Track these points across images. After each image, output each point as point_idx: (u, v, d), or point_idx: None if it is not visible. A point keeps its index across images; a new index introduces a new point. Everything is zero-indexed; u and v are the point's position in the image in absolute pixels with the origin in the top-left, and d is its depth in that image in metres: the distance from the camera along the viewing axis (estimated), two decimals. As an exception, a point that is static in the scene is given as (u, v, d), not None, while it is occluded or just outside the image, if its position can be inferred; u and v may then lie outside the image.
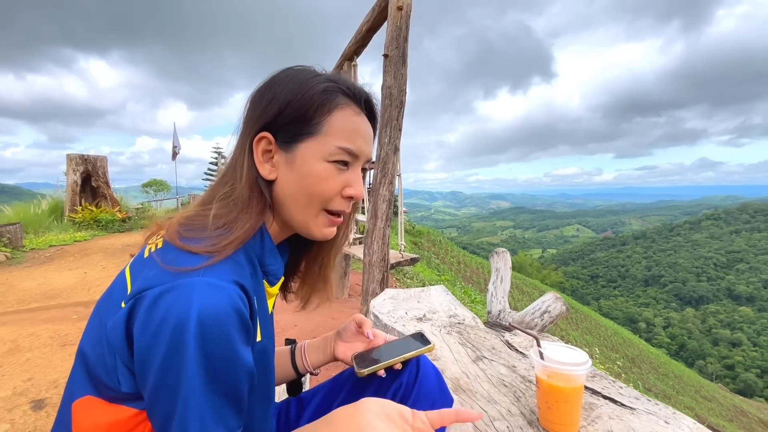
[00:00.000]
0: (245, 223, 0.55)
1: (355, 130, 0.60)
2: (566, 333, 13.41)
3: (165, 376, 0.44)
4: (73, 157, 8.64)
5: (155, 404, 0.46)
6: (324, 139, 0.58)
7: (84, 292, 4.22)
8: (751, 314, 61.20)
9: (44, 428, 1.74)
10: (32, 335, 2.82)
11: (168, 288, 0.46)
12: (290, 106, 0.57)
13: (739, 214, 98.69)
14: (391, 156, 3.21)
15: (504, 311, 1.82)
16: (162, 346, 0.44)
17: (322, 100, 0.58)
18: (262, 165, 0.59)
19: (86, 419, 0.50)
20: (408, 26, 3.19)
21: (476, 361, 1.16)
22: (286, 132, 0.58)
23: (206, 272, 0.48)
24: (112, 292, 0.53)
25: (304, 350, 0.83)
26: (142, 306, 0.46)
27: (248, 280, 0.53)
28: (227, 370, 0.46)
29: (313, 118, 0.57)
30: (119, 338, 0.47)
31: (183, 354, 0.44)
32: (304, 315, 3.91)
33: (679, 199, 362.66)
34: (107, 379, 0.49)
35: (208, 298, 0.45)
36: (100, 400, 0.50)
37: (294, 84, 0.58)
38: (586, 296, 78.18)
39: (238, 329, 0.47)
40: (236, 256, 0.54)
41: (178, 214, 0.58)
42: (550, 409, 0.81)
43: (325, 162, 0.58)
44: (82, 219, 8.19)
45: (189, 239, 0.52)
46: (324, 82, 0.59)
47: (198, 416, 0.45)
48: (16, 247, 5.94)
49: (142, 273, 0.50)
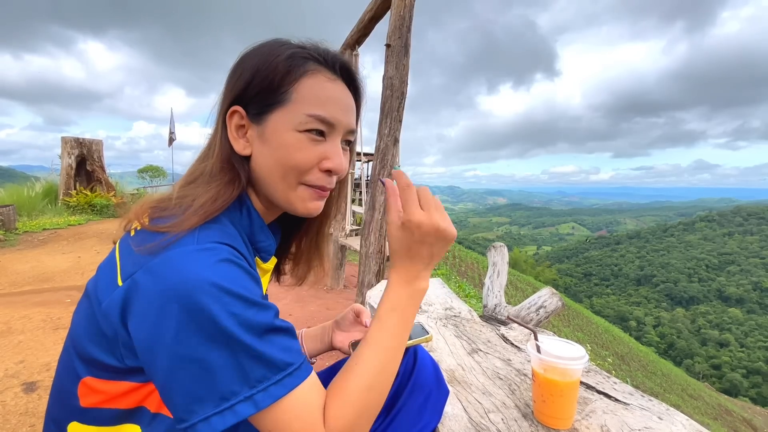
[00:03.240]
0: (210, 192, 0.53)
1: (328, 97, 0.56)
2: (558, 329, 13.54)
3: (183, 346, 0.42)
4: (68, 140, 8.53)
5: (176, 381, 0.43)
6: (293, 107, 0.55)
7: (77, 276, 4.19)
8: (739, 316, 62.14)
9: (36, 410, 1.73)
10: (24, 318, 2.80)
11: (159, 263, 0.45)
12: (257, 76, 0.55)
13: (733, 217, 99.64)
14: (390, 147, 3.19)
15: (500, 305, 1.82)
16: (173, 318, 0.42)
17: (288, 67, 0.55)
18: (237, 141, 0.57)
19: (89, 397, 0.50)
20: (411, 16, 3.15)
21: (471, 353, 1.16)
22: (255, 104, 0.56)
23: (187, 240, 0.47)
24: (101, 272, 0.53)
25: (301, 339, 0.82)
26: (138, 286, 0.45)
27: (241, 247, 0.53)
28: (258, 312, 0.46)
29: (280, 87, 0.55)
30: (115, 318, 0.46)
31: (204, 316, 0.42)
32: (299, 305, 3.91)
33: (674, 200, 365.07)
34: (106, 357, 0.48)
35: (203, 259, 0.45)
36: (100, 380, 0.50)
37: (260, 55, 0.56)
38: (579, 294, 78.95)
39: (245, 277, 0.47)
40: (225, 228, 0.53)
41: (145, 197, 0.57)
42: (545, 402, 0.81)
43: (296, 132, 0.55)
44: (77, 203, 8.11)
45: (158, 219, 0.51)
46: (291, 48, 0.57)
47: (250, 356, 0.44)
48: (9, 230, 5.88)
49: (130, 256, 0.49)
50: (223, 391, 0.43)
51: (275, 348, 0.46)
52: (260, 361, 0.44)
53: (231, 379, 0.43)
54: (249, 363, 0.44)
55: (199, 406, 0.43)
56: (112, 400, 0.50)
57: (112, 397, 0.50)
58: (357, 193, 8.20)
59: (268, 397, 0.44)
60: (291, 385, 0.46)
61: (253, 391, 0.43)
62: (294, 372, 0.47)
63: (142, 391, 0.50)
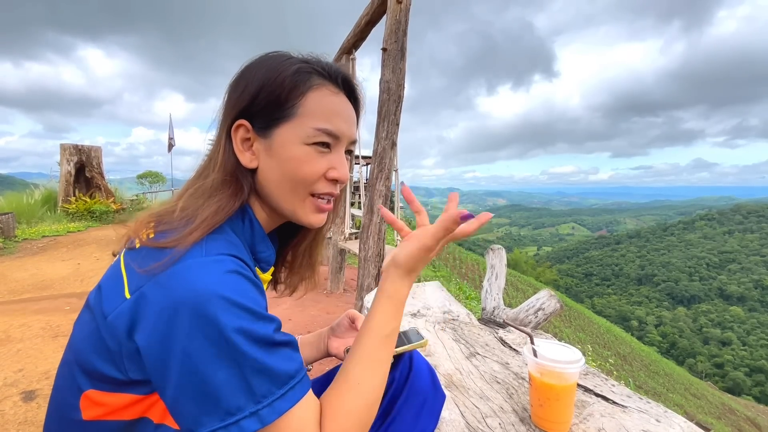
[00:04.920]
0: (212, 206, 0.54)
1: (333, 111, 0.58)
2: (559, 330, 13.52)
3: (193, 359, 0.43)
4: (66, 147, 8.54)
5: (185, 393, 0.43)
6: (300, 121, 0.56)
7: (77, 283, 4.19)
8: (741, 314, 62.04)
9: (35, 419, 1.73)
10: (24, 326, 2.79)
11: (168, 275, 0.45)
12: (263, 91, 0.56)
13: (733, 215, 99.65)
14: (388, 151, 3.19)
15: (498, 308, 1.82)
16: (183, 330, 0.43)
17: (294, 82, 0.56)
18: (243, 154, 0.58)
19: (91, 410, 0.50)
20: (407, 20, 3.16)
21: (469, 357, 1.16)
22: (261, 118, 0.57)
23: (195, 252, 0.48)
24: (105, 285, 0.52)
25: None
26: (147, 299, 0.45)
27: (246, 257, 0.54)
28: (264, 326, 0.47)
29: (287, 101, 0.56)
30: (122, 332, 0.46)
31: (212, 328, 0.43)
32: (298, 309, 3.91)
33: (674, 199, 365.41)
34: (110, 370, 0.48)
35: (213, 271, 0.46)
36: (103, 393, 0.50)
37: (266, 69, 0.57)
38: (580, 294, 78.86)
39: (253, 290, 0.48)
40: (230, 237, 0.54)
41: (144, 212, 0.57)
42: (542, 406, 0.81)
43: (304, 145, 0.57)
44: (76, 210, 8.11)
45: (160, 234, 0.51)
46: (296, 63, 0.58)
47: (255, 370, 0.44)
48: (8, 237, 5.88)
49: (135, 272, 0.49)
50: (229, 406, 0.43)
51: (279, 361, 0.47)
52: (265, 374, 0.45)
53: (237, 393, 0.43)
54: (254, 377, 0.44)
55: (207, 419, 0.43)
56: (114, 412, 0.50)
57: (115, 410, 0.50)
58: (356, 197, 8.22)
59: (273, 412, 0.45)
60: (294, 399, 0.47)
61: (259, 406, 0.44)
62: (296, 386, 0.48)
63: (146, 402, 0.49)
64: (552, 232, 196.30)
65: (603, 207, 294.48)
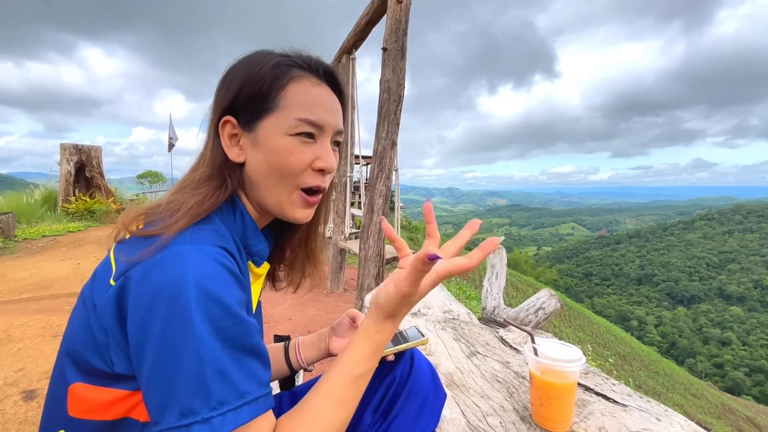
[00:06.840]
0: (197, 196, 0.54)
1: (315, 101, 0.59)
2: (559, 330, 13.52)
3: (166, 346, 0.43)
4: (66, 146, 8.54)
5: (155, 380, 0.43)
6: (283, 113, 0.57)
7: (77, 282, 4.19)
8: (741, 314, 62.04)
9: (35, 419, 1.73)
10: (24, 325, 2.79)
11: (153, 262, 0.46)
12: (245, 86, 0.57)
13: (732, 215, 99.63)
14: (388, 151, 3.19)
15: (498, 307, 1.82)
16: (159, 316, 0.43)
17: (275, 75, 0.57)
18: (230, 149, 0.59)
19: (76, 405, 0.50)
20: (407, 20, 3.16)
21: (470, 356, 1.16)
22: (246, 113, 0.58)
23: (180, 239, 0.48)
24: (97, 276, 0.53)
25: (298, 347, 0.82)
26: (132, 283, 0.46)
27: (233, 249, 0.54)
28: (236, 325, 0.45)
29: (269, 94, 0.57)
30: (110, 318, 0.47)
31: (184, 317, 0.43)
32: (298, 309, 3.91)
33: (674, 199, 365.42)
34: (97, 362, 0.49)
35: (196, 261, 0.46)
36: (90, 386, 0.50)
37: (247, 65, 0.59)
38: (580, 294, 78.84)
39: (234, 285, 0.48)
40: (219, 229, 0.54)
41: (131, 207, 0.58)
42: (543, 405, 0.81)
43: (288, 136, 0.57)
44: (76, 209, 8.11)
45: (147, 225, 0.52)
46: (276, 57, 0.59)
47: (216, 371, 0.43)
48: (8, 237, 5.88)
49: (122, 261, 0.50)
50: (185, 405, 0.42)
51: (242, 371, 0.45)
52: (224, 379, 0.43)
53: (194, 392, 0.42)
54: (214, 378, 0.43)
55: (167, 412, 0.43)
56: (97, 409, 0.50)
57: (98, 406, 0.50)
58: (356, 197, 8.22)
59: (225, 423, 0.43)
60: (249, 416, 0.45)
61: (213, 413, 0.43)
62: (253, 402, 0.45)
63: (130, 400, 0.49)
64: (552, 232, 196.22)
65: (603, 207, 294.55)
